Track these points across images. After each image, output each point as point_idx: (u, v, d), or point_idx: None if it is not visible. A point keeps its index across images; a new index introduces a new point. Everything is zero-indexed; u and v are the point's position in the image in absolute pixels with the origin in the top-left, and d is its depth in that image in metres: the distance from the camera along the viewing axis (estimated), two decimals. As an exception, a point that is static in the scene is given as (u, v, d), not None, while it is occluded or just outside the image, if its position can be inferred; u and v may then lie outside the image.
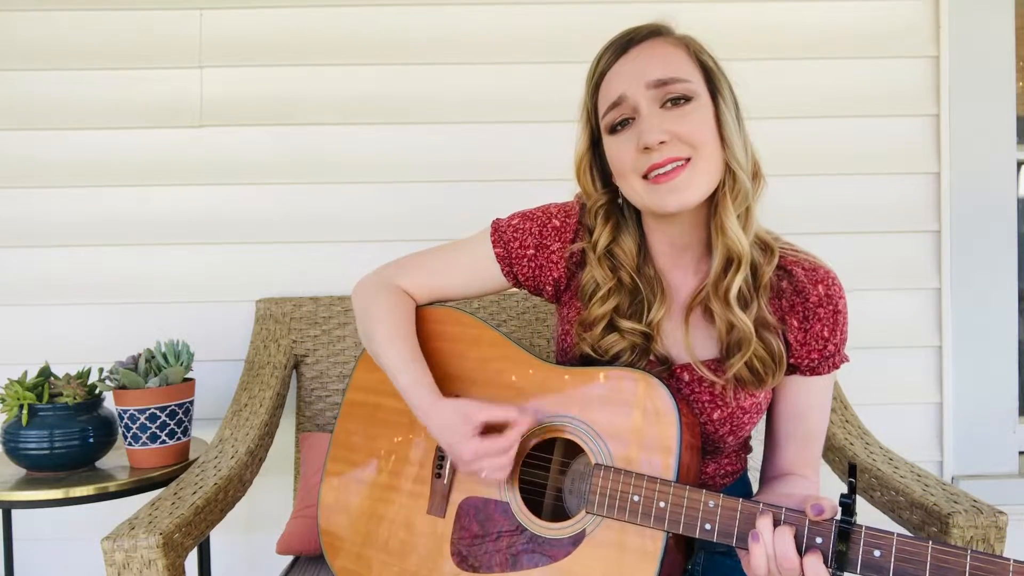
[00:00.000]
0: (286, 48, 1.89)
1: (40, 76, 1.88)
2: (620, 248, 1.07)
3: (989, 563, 0.77)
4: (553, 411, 1.06)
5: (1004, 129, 1.90)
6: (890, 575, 0.82)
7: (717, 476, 1.15)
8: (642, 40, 1.01)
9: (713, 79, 1.00)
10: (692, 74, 0.99)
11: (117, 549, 1.09)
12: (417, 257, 1.23)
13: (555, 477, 1.10)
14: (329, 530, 1.18)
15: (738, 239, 0.99)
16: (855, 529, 0.84)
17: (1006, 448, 1.93)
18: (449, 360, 1.15)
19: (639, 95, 0.97)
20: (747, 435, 1.14)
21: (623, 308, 1.07)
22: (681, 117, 0.96)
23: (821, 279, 1.05)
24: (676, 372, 1.08)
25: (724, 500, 0.91)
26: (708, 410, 1.06)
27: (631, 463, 0.98)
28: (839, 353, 1.08)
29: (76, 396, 1.54)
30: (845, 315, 1.06)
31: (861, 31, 1.91)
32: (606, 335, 1.06)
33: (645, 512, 0.94)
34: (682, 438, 0.96)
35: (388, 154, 1.90)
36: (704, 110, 0.98)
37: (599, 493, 0.97)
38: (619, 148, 1.00)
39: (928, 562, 0.80)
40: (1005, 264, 1.92)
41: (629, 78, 0.98)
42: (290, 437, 1.79)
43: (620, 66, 1.00)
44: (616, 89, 0.99)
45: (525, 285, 1.18)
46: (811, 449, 1.10)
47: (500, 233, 1.16)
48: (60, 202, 1.89)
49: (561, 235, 1.13)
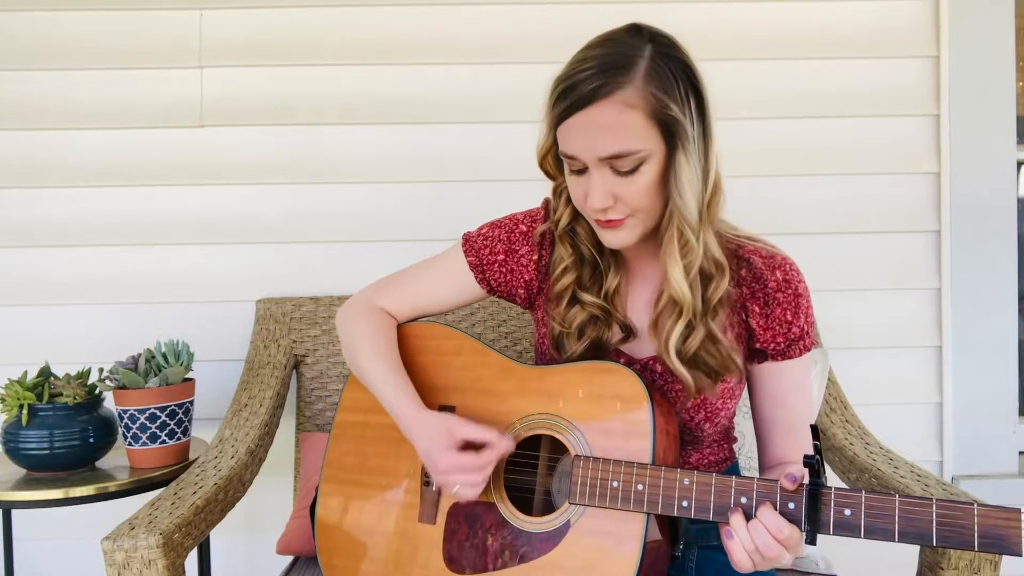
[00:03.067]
0: (286, 48, 1.89)
1: (40, 76, 1.88)
2: (581, 228, 1.11)
3: (954, 509, 0.81)
4: (533, 410, 1.09)
5: (1004, 129, 1.90)
6: (862, 531, 0.85)
7: (702, 466, 1.16)
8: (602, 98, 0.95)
9: (674, 132, 0.96)
10: (646, 139, 0.96)
11: (117, 549, 1.09)
12: (394, 277, 1.27)
13: (544, 477, 1.12)
14: (326, 549, 1.19)
15: (680, 290, 1.01)
16: (824, 491, 0.87)
17: (1006, 448, 1.93)
18: (434, 372, 1.19)
19: (591, 161, 0.98)
20: (725, 423, 1.16)
21: (584, 280, 1.11)
22: (626, 183, 0.98)
23: (779, 265, 1.07)
24: (648, 363, 1.11)
25: (698, 476, 0.94)
26: (682, 398, 1.09)
27: (609, 451, 1.01)
28: (807, 336, 1.09)
29: (76, 396, 1.54)
30: (807, 298, 1.08)
31: (861, 31, 1.91)
32: (568, 310, 1.11)
33: (624, 496, 0.97)
34: (655, 422, 0.99)
35: (388, 154, 1.90)
36: (652, 173, 0.98)
37: (580, 483, 1.00)
38: (573, 185, 1.04)
39: (896, 514, 0.84)
40: (1005, 264, 1.92)
41: (584, 146, 0.97)
42: (290, 437, 1.79)
43: (577, 122, 0.97)
44: (571, 147, 0.99)
45: (498, 291, 1.21)
46: (798, 434, 1.11)
47: (471, 243, 1.21)
48: (60, 202, 1.89)
49: (528, 239, 1.18)
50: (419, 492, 1.14)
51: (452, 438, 1.05)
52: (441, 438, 1.05)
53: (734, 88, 1.87)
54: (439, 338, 1.22)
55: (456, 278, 1.22)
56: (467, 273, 1.20)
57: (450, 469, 1.03)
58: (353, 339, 1.20)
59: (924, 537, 0.82)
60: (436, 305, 1.25)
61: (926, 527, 0.82)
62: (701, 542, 1.17)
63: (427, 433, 1.07)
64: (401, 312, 1.24)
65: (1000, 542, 0.79)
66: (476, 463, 1.03)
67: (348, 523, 1.18)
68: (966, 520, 0.80)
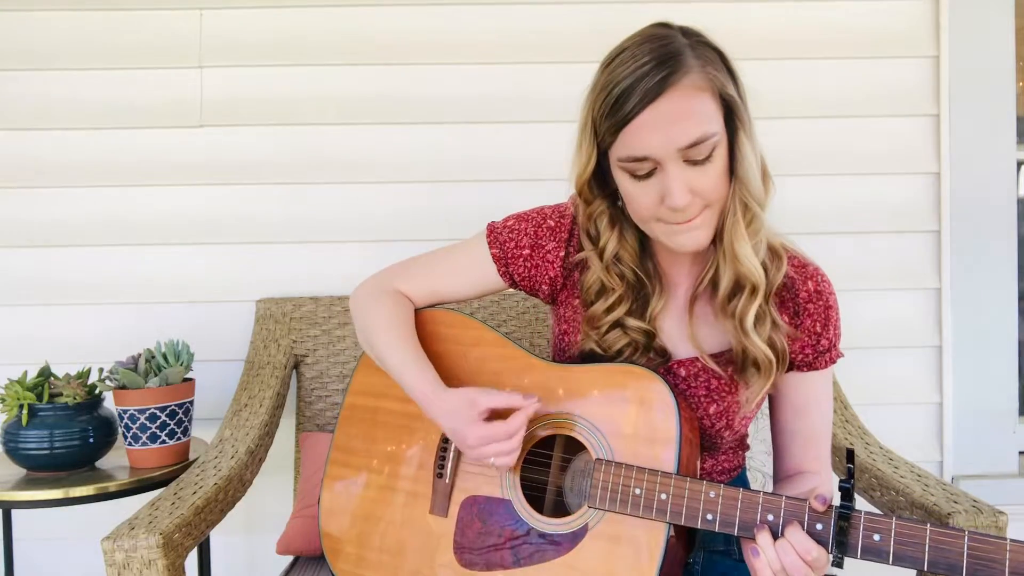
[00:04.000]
0: (286, 48, 1.89)
1: (40, 76, 1.88)
2: (625, 251, 1.08)
3: (986, 543, 0.79)
4: (554, 408, 1.07)
5: (1004, 129, 1.90)
6: (890, 558, 0.83)
7: (714, 473, 1.15)
8: (672, 86, 0.92)
9: (734, 113, 0.97)
10: (716, 121, 0.95)
11: (117, 549, 1.09)
12: (413, 261, 1.23)
13: (556, 475, 1.11)
14: (330, 533, 1.18)
15: (753, 267, 0.99)
16: (854, 514, 0.85)
17: (1006, 448, 1.93)
18: (449, 361, 1.16)
19: (668, 156, 0.93)
20: (743, 431, 1.14)
21: (632, 308, 1.08)
22: (702, 174, 0.95)
23: (811, 275, 1.06)
24: (673, 368, 1.09)
25: (725, 490, 0.92)
26: (704, 404, 1.07)
27: (632, 457, 0.99)
28: (834, 348, 1.08)
29: (76, 396, 1.54)
30: (836, 310, 1.07)
31: (861, 31, 1.91)
32: (610, 332, 1.08)
33: (647, 505, 0.95)
34: (681, 431, 0.97)
35: (388, 154, 1.90)
36: (721, 158, 0.96)
37: (600, 487, 0.98)
38: (639, 196, 0.98)
39: (927, 544, 0.82)
40: (1005, 264, 1.92)
41: (660, 141, 0.92)
42: (290, 437, 1.79)
43: (649, 118, 0.92)
44: (643, 148, 0.94)
45: (521, 285, 1.18)
46: (817, 445, 1.11)
47: (496, 234, 1.17)
48: (60, 202, 1.89)
49: (556, 235, 1.14)
50: (431, 483, 1.12)
51: (476, 409, 1.02)
52: (464, 412, 1.03)
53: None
54: (457, 327, 1.19)
55: (478, 268, 1.18)
56: (490, 264, 1.17)
57: (480, 441, 1.01)
58: (370, 321, 1.17)
59: (954, 568, 0.80)
60: (455, 294, 1.21)
61: (956, 559, 0.80)
62: (707, 546, 1.15)
63: (450, 410, 1.05)
64: (419, 298, 1.21)
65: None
66: (506, 430, 1.00)
67: (355, 509, 1.17)
68: (997, 555, 0.79)
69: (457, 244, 1.22)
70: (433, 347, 1.17)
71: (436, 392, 1.07)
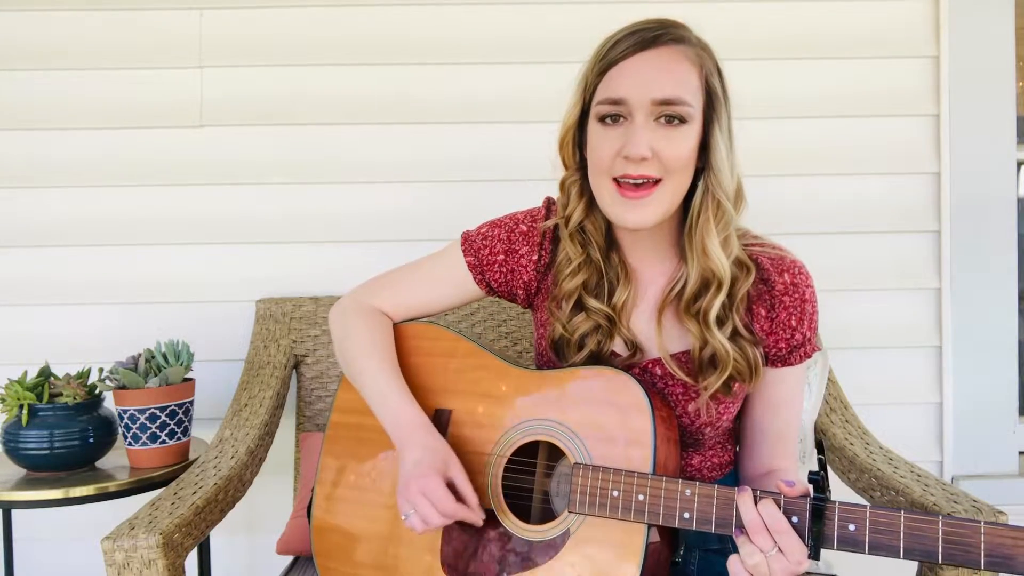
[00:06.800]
0: (286, 48, 1.89)
1: (40, 76, 1.88)
2: (591, 224, 1.09)
3: (961, 527, 0.80)
4: (531, 415, 1.08)
5: (1004, 129, 1.90)
6: (866, 547, 0.84)
7: (704, 469, 1.15)
8: (665, 43, 0.99)
9: (714, 104, 1.00)
10: (695, 98, 0.99)
11: (117, 549, 1.09)
12: (389, 276, 1.24)
13: (541, 481, 1.11)
14: (322, 552, 1.19)
15: (720, 263, 1.01)
16: (828, 505, 0.86)
17: (1006, 448, 1.93)
18: (428, 373, 1.17)
19: (640, 105, 0.97)
20: (727, 426, 1.14)
21: (590, 284, 1.09)
22: (668, 138, 0.97)
23: (787, 268, 1.06)
24: (648, 367, 1.09)
25: (700, 487, 0.93)
26: (682, 402, 1.08)
27: (609, 460, 1.00)
28: (809, 343, 1.08)
29: (76, 396, 1.54)
30: (813, 304, 1.07)
31: (861, 31, 1.91)
32: (574, 315, 1.09)
33: (625, 506, 0.96)
34: (656, 431, 0.98)
35: (388, 154, 1.90)
36: (691, 137, 0.99)
37: (579, 491, 0.98)
38: (601, 141, 1.01)
39: (902, 531, 0.82)
40: (1005, 264, 1.92)
41: (638, 85, 0.97)
42: (290, 437, 1.79)
43: (634, 63, 0.98)
44: (621, 89, 0.98)
45: (498, 291, 1.20)
46: (786, 442, 1.11)
47: (470, 243, 1.19)
48: (60, 202, 1.89)
49: (528, 239, 1.15)
50: None
51: (446, 468, 1.03)
52: (438, 460, 1.03)
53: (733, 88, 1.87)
54: (435, 339, 1.20)
55: (454, 278, 1.19)
56: (465, 273, 1.18)
57: (427, 491, 1.00)
58: (348, 343, 1.17)
59: (930, 555, 0.81)
60: (433, 305, 1.22)
61: (931, 544, 0.81)
62: (703, 546, 1.16)
63: (431, 448, 1.05)
64: (397, 312, 1.22)
65: (1007, 561, 0.78)
66: (450, 507, 1.00)
67: (344, 526, 1.17)
68: (973, 538, 0.79)
69: (432, 255, 1.23)
70: (411, 360, 1.19)
71: (425, 426, 1.08)
